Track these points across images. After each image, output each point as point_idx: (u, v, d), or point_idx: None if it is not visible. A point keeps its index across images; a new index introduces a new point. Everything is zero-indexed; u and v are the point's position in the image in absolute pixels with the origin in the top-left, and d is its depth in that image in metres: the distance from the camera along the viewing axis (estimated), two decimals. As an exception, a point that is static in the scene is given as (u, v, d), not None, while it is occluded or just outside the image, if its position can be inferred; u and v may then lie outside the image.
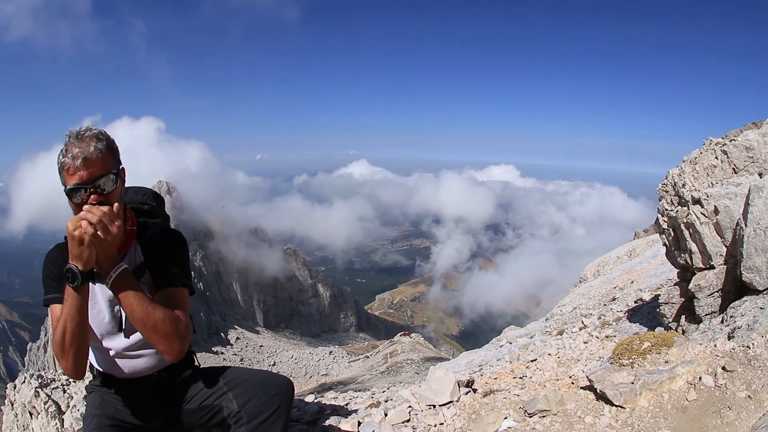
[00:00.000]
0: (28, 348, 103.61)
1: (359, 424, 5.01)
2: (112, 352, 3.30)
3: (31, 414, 8.46)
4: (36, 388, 8.58)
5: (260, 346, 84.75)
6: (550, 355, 7.07)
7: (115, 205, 2.85)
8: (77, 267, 2.76)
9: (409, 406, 5.18)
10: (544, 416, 4.32)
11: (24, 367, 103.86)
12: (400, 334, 74.11)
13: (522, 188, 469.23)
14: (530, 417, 4.39)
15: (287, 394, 3.32)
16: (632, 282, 16.38)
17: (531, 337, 11.77)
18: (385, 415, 5.16)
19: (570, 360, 6.44)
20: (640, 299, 11.29)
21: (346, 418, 5.25)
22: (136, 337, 3.23)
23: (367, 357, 71.28)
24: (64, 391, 8.42)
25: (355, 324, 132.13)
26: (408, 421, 4.95)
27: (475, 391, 5.46)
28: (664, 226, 8.11)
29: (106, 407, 3.44)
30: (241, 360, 75.47)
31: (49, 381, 9.06)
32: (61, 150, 2.89)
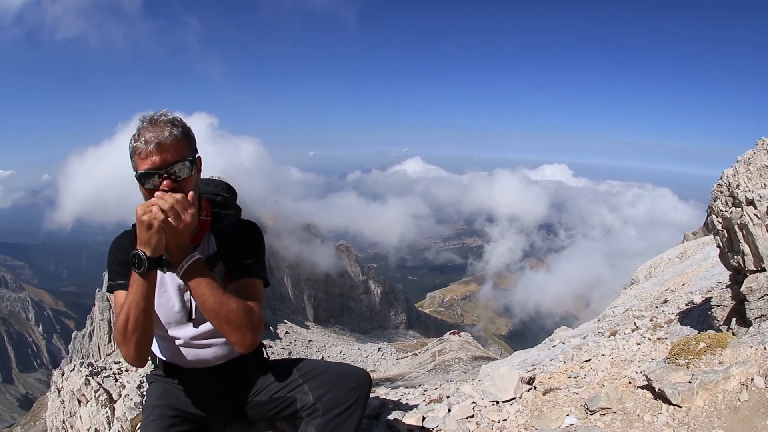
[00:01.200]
0: (72, 336, 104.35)
1: (423, 419, 4.95)
2: (178, 341, 3.26)
3: (79, 401, 8.43)
4: (86, 376, 8.53)
5: (309, 340, 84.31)
6: (603, 355, 7.02)
7: (190, 193, 2.81)
8: (144, 253, 2.71)
9: (473, 402, 5.16)
10: (604, 414, 4.34)
11: (68, 354, 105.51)
12: (449, 332, 72.17)
13: (575, 188, 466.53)
14: (591, 414, 4.41)
15: (365, 387, 3.27)
16: (683, 284, 16.18)
17: (584, 338, 11.65)
18: (449, 410, 5.13)
19: (623, 361, 6.39)
20: (691, 302, 11.10)
21: (409, 412, 5.19)
22: (206, 326, 3.19)
23: (416, 354, 69.79)
24: (116, 380, 8.38)
25: (405, 321, 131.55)
26: (472, 416, 4.93)
27: (535, 388, 5.43)
28: (718, 227, 7.90)
29: (169, 398, 3.41)
30: (289, 354, 74.65)
31: (99, 369, 9.05)
32: (133, 135, 2.86)
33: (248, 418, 3.58)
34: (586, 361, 6.99)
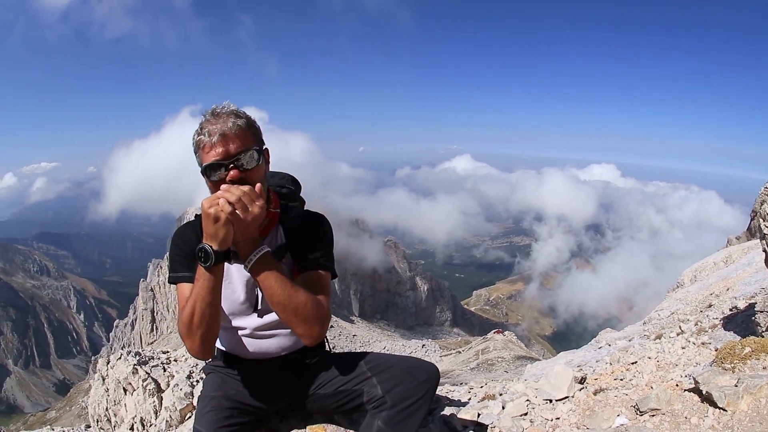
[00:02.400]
0: (114, 324, 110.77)
1: (479, 415, 4.86)
2: (241, 332, 3.24)
3: (125, 390, 7.82)
4: (134, 365, 7.85)
5: (353, 335, 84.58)
6: (649, 358, 6.53)
7: (258, 184, 2.74)
8: (211, 246, 2.69)
9: (527, 400, 5.00)
10: (653, 415, 4.24)
11: (108, 342, 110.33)
12: (493, 331, 71.64)
13: (622, 189, 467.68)
14: (641, 415, 4.30)
15: (434, 381, 3.22)
16: (728, 289, 16.15)
17: (629, 341, 11.45)
18: (503, 407, 5.04)
19: (668, 364, 5.98)
20: (735, 307, 10.87)
21: (463, 408, 5.15)
22: (271, 317, 3.16)
23: (459, 352, 68.52)
24: (164, 370, 7.84)
25: (450, 319, 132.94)
26: (526, 414, 4.80)
27: (586, 388, 5.25)
28: (765, 231, 7.68)
29: (227, 389, 3.38)
30: (333, 348, 74.85)
31: (147, 359, 8.30)
32: (196, 130, 2.83)
33: (307, 410, 3.60)
34: (633, 363, 6.56)
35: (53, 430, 11.26)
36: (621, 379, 5.63)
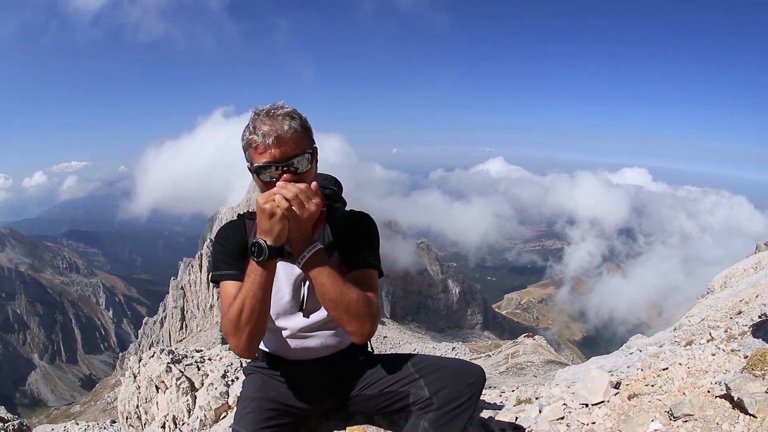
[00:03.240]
0: (143, 322, 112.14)
1: (516, 418, 4.91)
2: (285, 332, 3.24)
3: (157, 388, 7.92)
4: (168, 363, 7.97)
5: (384, 336, 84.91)
6: (680, 365, 5.93)
7: (313, 183, 2.77)
8: (265, 242, 2.69)
9: (564, 404, 5.02)
10: (686, 420, 4.23)
11: (137, 339, 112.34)
12: (523, 335, 73.61)
13: (654, 193, 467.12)
14: (674, 420, 4.29)
15: (481, 384, 3.18)
16: (757, 296, 14.76)
17: (660, 347, 10.69)
18: (540, 411, 5.07)
19: (699, 371, 5.55)
20: (764, 314, 9.96)
21: (501, 412, 5.28)
22: (317, 316, 3.18)
23: (489, 356, 69.64)
24: (198, 369, 7.96)
25: (481, 322, 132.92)
26: (562, 418, 4.80)
27: (620, 393, 5.14)
28: None
29: (268, 390, 3.40)
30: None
31: (180, 357, 8.46)
32: (247, 127, 2.83)
33: (348, 411, 3.59)
34: (664, 369, 5.98)
35: (77, 424, 12.17)
36: (652, 385, 5.41)
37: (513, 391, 7.88)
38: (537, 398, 5.75)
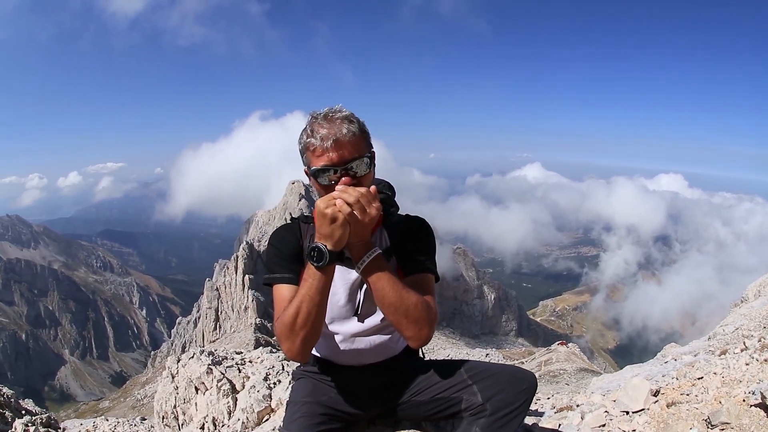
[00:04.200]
0: (177, 321, 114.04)
1: (559, 425, 5.07)
2: (339, 337, 3.23)
3: (197, 389, 8.00)
4: (209, 365, 8.06)
5: None
6: (715, 374, 5.81)
7: (373, 187, 2.74)
8: (325, 246, 2.69)
9: (605, 411, 5.12)
10: (723, 429, 4.23)
11: (169, 338, 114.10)
12: (557, 342, 71.80)
13: (690, 199, 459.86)
14: (712, 429, 4.31)
15: (533, 389, 3.17)
16: None
17: (695, 356, 10.71)
18: (582, 418, 5.18)
19: (733, 380, 5.41)
20: None
21: (542, 418, 5.33)
22: (371, 322, 3.17)
23: (522, 363, 66.56)
24: (239, 371, 8.04)
25: (515, 329, 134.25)
26: (604, 425, 4.91)
27: (659, 401, 5.15)
28: None
29: (318, 395, 3.38)
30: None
31: (220, 359, 8.58)
32: (305, 130, 2.85)
33: (396, 417, 3.60)
34: (698, 378, 5.94)
35: (107, 420, 12.85)
36: (687, 394, 5.36)
37: (548, 398, 8.68)
38: (578, 405, 5.91)
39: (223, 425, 7.01)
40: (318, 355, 3.39)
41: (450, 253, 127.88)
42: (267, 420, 6.31)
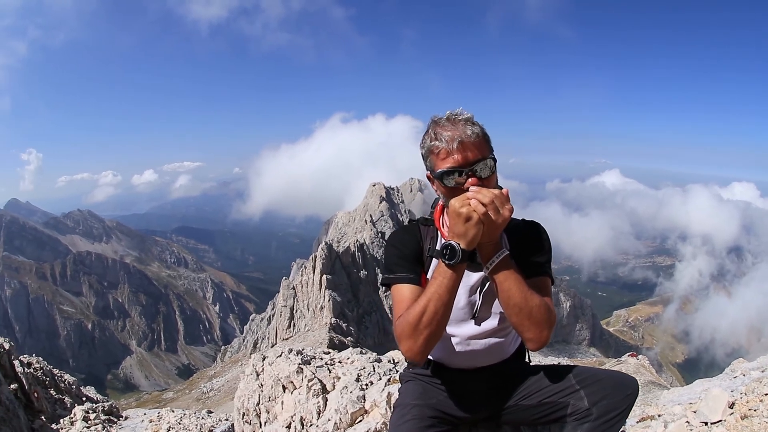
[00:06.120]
0: (250, 318, 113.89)
1: None
2: (454, 339, 3.26)
3: (284, 388, 7.83)
4: (299, 364, 7.94)
5: None
6: None
7: (505, 189, 2.82)
8: (458, 244, 2.74)
9: (686, 421, 5.18)
10: None
11: (241, 334, 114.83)
12: (627, 354, 70.75)
13: (762, 210, 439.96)
14: None
15: (636, 395, 3.20)
16: None
17: (762, 371, 9.34)
18: (665, 427, 5.28)
19: None
20: None
21: (625, 426, 5.34)
22: (487, 325, 3.21)
23: None
24: (329, 371, 7.90)
25: (588, 338, 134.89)
26: None
27: (734, 413, 5.03)
28: None
29: (428, 397, 3.39)
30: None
31: (309, 358, 8.42)
32: (428, 134, 2.90)
33: (499, 421, 3.58)
34: (766, 394, 5.55)
35: (173, 411, 12.88)
36: (755, 410, 5.16)
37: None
38: (659, 415, 5.98)
39: (311, 425, 6.97)
40: (430, 357, 3.42)
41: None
42: (360, 421, 6.24)
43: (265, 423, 7.89)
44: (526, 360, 3.56)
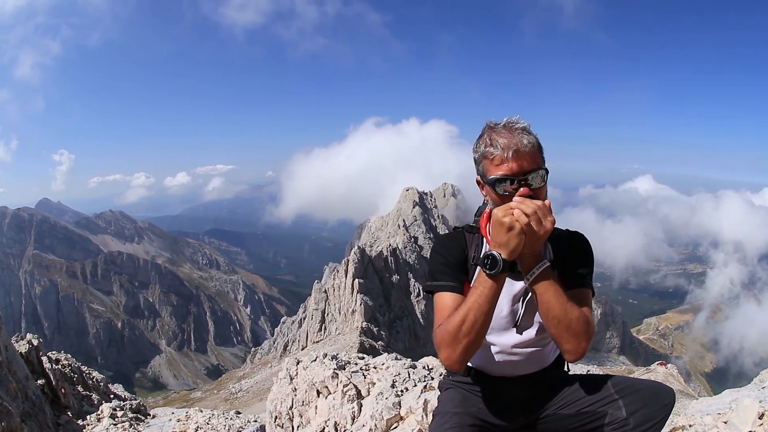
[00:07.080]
0: (281, 320, 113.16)
1: None
2: (495, 348, 3.29)
3: (319, 392, 8.17)
4: (334, 369, 8.20)
5: None
6: None
7: (548, 200, 2.81)
8: (500, 254, 2.76)
9: (717, 431, 5.24)
10: None
11: (272, 336, 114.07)
12: (656, 363, 68.24)
13: None
14: None
15: (672, 406, 3.19)
16: None
17: None
18: None
19: None
20: None
21: None
22: (528, 334, 3.22)
23: None
24: (364, 377, 8.05)
25: (618, 346, 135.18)
26: None
27: (763, 424, 5.15)
28: None
29: (468, 405, 3.41)
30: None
31: (343, 363, 8.70)
32: (483, 139, 2.94)
33: (537, 429, 3.50)
34: None
35: (201, 411, 12.97)
36: None
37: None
38: (690, 425, 5.95)
39: (345, 430, 7.10)
40: (470, 365, 3.45)
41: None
42: (395, 428, 6.31)
43: (298, 427, 8.17)
44: (565, 369, 3.61)
